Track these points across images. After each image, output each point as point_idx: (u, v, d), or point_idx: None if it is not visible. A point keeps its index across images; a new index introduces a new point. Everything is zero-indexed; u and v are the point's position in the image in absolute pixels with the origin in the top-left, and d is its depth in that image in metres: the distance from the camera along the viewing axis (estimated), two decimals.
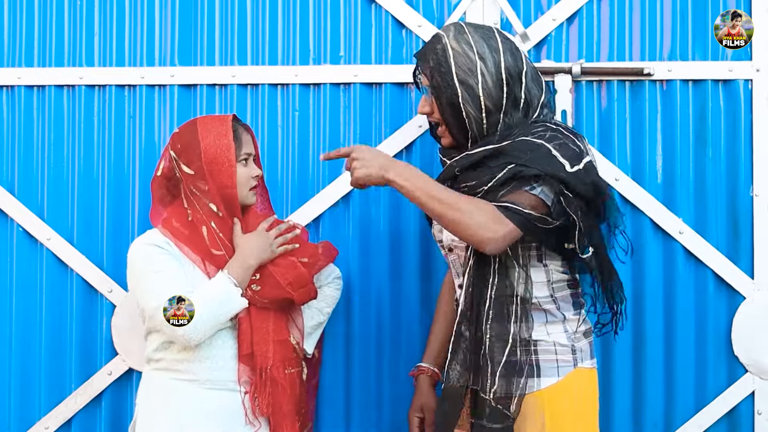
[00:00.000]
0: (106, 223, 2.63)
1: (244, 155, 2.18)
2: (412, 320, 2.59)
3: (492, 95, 2.01)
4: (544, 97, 2.10)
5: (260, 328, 2.15)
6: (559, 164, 1.93)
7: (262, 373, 2.14)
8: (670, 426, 2.57)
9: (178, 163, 2.17)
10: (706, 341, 2.57)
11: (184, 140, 2.17)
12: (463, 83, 2.01)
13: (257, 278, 2.15)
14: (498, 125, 2.03)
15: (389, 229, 2.59)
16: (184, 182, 2.17)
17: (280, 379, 2.16)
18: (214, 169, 2.13)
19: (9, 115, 2.66)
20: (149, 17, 2.65)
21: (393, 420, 2.58)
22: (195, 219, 2.17)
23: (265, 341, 2.15)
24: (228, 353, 2.14)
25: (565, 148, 1.96)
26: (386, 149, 2.59)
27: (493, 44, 2.04)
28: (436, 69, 2.03)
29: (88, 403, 2.62)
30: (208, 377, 2.13)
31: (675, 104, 2.58)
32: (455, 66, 2.02)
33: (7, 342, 2.64)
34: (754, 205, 2.57)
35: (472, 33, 2.05)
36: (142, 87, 2.63)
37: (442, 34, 2.07)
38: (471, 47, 2.03)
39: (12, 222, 2.64)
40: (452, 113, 2.03)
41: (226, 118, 2.18)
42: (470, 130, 2.04)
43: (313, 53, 2.64)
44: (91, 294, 2.63)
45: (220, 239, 2.16)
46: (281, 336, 2.18)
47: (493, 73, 2.01)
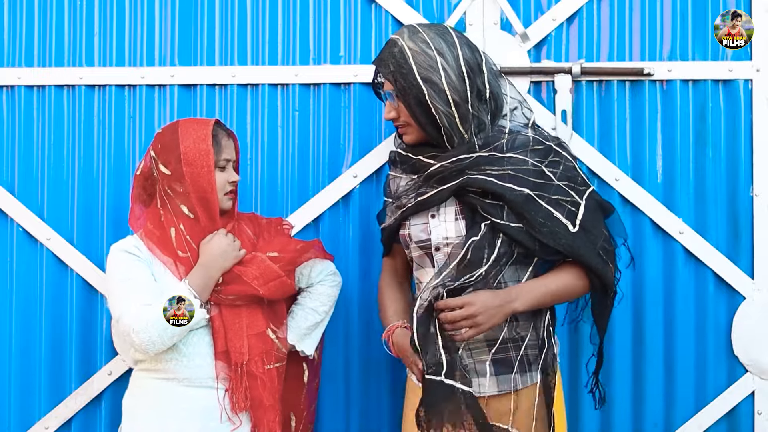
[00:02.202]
0: (106, 223, 2.63)
1: (223, 161, 2.18)
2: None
3: (457, 88, 2.05)
4: (512, 99, 2.16)
5: (233, 324, 2.15)
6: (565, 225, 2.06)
7: (237, 368, 2.14)
8: (670, 426, 2.57)
9: (156, 163, 2.18)
10: (706, 341, 2.57)
11: (164, 141, 2.18)
12: (427, 80, 2.04)
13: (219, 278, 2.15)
14: (469, 117, 2.06)
15: None
16: (160, 182, 2.18)
17: (258, 374, 2.16)
18: (193, 171, 2.14)
19: (9, 115, 2.66)
20: (149, 17, 2.65)
21: (393, 421, 2.58)
22: (165, 220, 2.18)
23: (239, 337, 2.14)
24: (204, 350, 2.15)
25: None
26: (386, 149, 2.59)
27: (449, 39, 2.08)
28: (397, 71, 2.06)
29: (88, 403, 2.62)
30: (186, 375, 2.14)
31: (675, 104, 2.58)
32: (416, 65, 2.04)
33: (7, 342, 2.64)
34: (754, 205, 2.57)
35: (426, 31, 2.09)
36: (142, 87, 2.63)
37: (397, 37, 2.10)
38: (428, 45, 2.06)
39: (12, 222, 2.64)
40: (422, 112, 2.06)
41: (208, 123, 2.18)
42: (443, 125, 2.06)
43: (313, 53, 2.64)
44: (91, 294, 2.63)
45: (187, 242, 2.16)
46: (256, 330, 2.17)
47: (453, 67, 2.05)
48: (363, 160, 2.60)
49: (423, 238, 2.14)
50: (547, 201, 2.04)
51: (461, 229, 2.08)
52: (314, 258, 2.30)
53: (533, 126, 2.16)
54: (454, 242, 2.08)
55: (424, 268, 2.15)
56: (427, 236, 2.13)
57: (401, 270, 2.30)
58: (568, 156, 2.13)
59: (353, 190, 2.60)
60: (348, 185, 2.60)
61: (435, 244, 2.11)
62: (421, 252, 2.15)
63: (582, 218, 2.05)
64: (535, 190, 2.04)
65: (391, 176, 2.26)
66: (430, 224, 2.12)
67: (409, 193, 2.17)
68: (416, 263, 2.18)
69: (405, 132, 2.15)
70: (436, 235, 2.11)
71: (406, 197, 2.17)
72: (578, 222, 2.05)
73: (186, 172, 2.13)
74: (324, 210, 2.60)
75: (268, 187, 2.61)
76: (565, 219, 2.04)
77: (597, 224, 2.08)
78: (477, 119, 2.09)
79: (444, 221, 2.11)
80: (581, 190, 2.09)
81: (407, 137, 2.15)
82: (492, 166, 2.06)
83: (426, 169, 2.10)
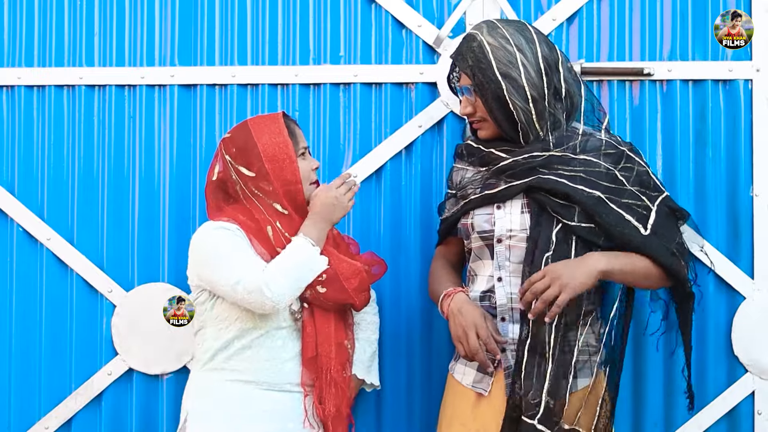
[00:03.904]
0: (106, 223, 2.62)
1: (302, 149, 2.19)
2: (412, 320, 2.59)
3: (535, 84, 2.06)
4: (586, 93, 2.17)
5: (324, 329, 2.15)
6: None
7: (326, 374, 2.14)
8: (670, 426, 2.57)
9: (234, 167, 2.16)
10: (706, 341, 2.57)
11: (238, 143, 2.16)
12: (506, 76, 2.05)
13: (323, 279, 2.13)
14: (545, 114, 2.08)
15: (390, 229, 2.59)
16: (245, 185, 2.16)
17: (339, 381, 2.16)
18: (276, 167, 2.13)
19: (9, 115, 2.66)
20: (149, 17, 2.65)
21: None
22: (260, 219, 2.15)
23: (328, 342, 2.15)
24: (288, 355, 2.14)
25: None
26: (386, 149, 2.59)
27: (528, 35, 2.10)
28: (476, 66, 2.07)
29: (88, 403, 2.62)
30: (267, 379, 2.12)
31: (675, 104, 2.58)
32: (495, 60, 2.06)
33: (7, 342, 2.64)
34: (754, 205, 2.57)
35: (506, 27, 2.11)
36: (142, 87, 2.63)
37: (476, 32, 2.11)
38: (507, 40, 2.07)
39: (12, 222, 2.64)
40: (499, 107, 2.07)
41: (277, 116, 2.19)
42: (519, 121, 2.08)
43: (313, 53, 2.64)
44: (91, 294, 2.63)
45: (286, 238, 2.14)
46: (340, 338, 2.19)
47: (532, 63, 2.07)
48: (363, 160, 2.60)
49: (486, 229, 2.14)
50: (618, 205, 2.05)
51: (526, 222, 2.09)
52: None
53: (607, 129, 2.17)
54: (518, 235, 2.09)
55: (482, 260, 2.15)
56: (491, 227, 2.13)
57: (453, 261, 2.30)
58: (640, 162, 2.14)
59: None
60: None
61: (498, 235, 2.11)
62: (482, 243, 2.15)
63: (653, 222, 2.06)
64: (606, 194, 2.05)
65: (456, 168, 2.27)
66: (495, 215, 2.12)
67: (475, 184, 2.17)
68: (475, 254, 2.18)
69: (480, 127, 2.17)
70: (500, 226, 2.11)
71: (472, 188, 2.17)
72: (650, 225, 2.05)
73: (270, 169, 2.13)
74: None
75: None
76: (636, 222, 2.04)
77: (670, 228, 2.08)
78: (552, 117, 2.10)
79: (509, 213, 2.11)
80: (654, 195, 2.10)
81: (482, 132, 2.17)
82: (565, 166, 2.08)
83: (497, 163, 2.12)
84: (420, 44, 2.61)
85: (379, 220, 2.60)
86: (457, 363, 2.20)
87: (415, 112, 2.59)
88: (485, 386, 2.11)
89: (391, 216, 2.59)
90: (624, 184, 2.09)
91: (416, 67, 2.60)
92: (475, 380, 2.13)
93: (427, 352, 2.58)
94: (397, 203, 2.59)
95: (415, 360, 2.58)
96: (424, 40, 2.60)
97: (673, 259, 2.05)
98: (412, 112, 2.61)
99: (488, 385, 2.10)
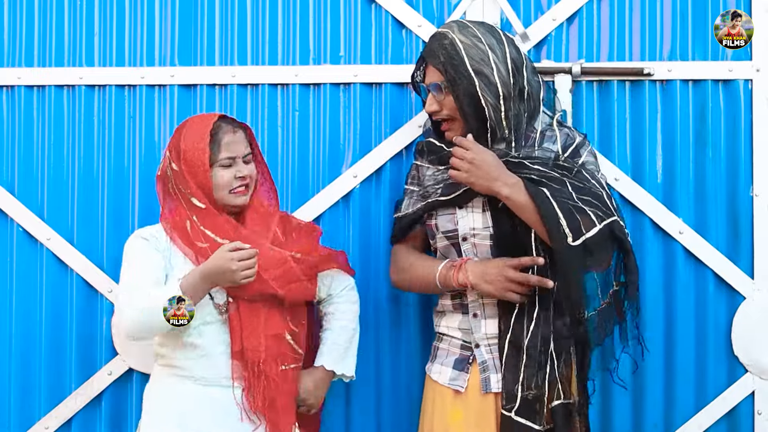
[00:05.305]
0: (106, 223, 2.62)
1: (226, 159, 2.17)
2: (411, 320, 2.59)
3: (506, 83, 2.09)
4: (544, 94, 2.23)
5: (250, 322, 2.13)
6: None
7: (254, 368, 2.13)
8: (670, 426, 2.57)
9: (169, 161, 2.21)
10: (706, 341, 2.57)
11: (174, 139, 2.22)
12: (478, 73, 2.08)
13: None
14: (510, 114, 2.11)
15: (389, 229, 2.58)
16: (172, 179, 2.20)
17: (272, 375, 2.14)
18: (191, 170, 2.16)
19: (9, 115, 2.66)
20: (149, 17, 2.65)
21: (394, 424, 2.58)
22: (179, 213, 2.19)
23: (256, 335, 2.13)
24: (219, 349, 2.14)
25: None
26: (386, 149, 2.59)
27: (497, 36, 2.14)
28: (448, 63, 2.10)
29: (88, 403, 2.62)
30: (203, 374, 2.14)
31: (675, 104, 2.58)
32: (468, 57, 2.09)
33: (7, 342, 2.64)
34: (754, 205, 2.57)
35: (476, 26, 2.15)
36: (142, 87, 2.63)
37: (446, 30, 2.15)
38: (479, 39, 2.11)
39: (12, 222, 2.64)
40: (470, 104, 2.10)
41: (211, 120, 2.19)
42: (489, 119, 2.10)
43: (313, 53, 2.64)
44: (91, 294, 2.63)
45: (202, 232, 2.16)
46: (274, 331, 2.16)
47: (503, 62, 2.10)
48: (363, 160, 2.60)
49: (450, 228, 2.17)
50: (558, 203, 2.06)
51: (488, 221, 2.12)
52: (337, 268, 2.31)
53: (559, 122, 2.22)
54: (482, 233, 2.13)
55: (449, 258, 2.18)
56: (455, 226, 2.16)
57: (421, 252, 2.31)
58: (587, 158, 2.18)
59: (353, 190, 2.60)
60: (348, 185, 2.60)
61: (462, 234, 2.15)
62: (448, 242, 2.18)
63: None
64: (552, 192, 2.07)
65: (417, 165, 2.30)
66: (457, 215, 2.16)
67: (437, 184, 2.19)
68: (441, 253, 2.21)
69: (448, 127, 2.18)
70: (463, 225, 2.15)
71: (433, 188, 2.19)
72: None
73: (185, 170, 2.15)
74: (324, 210, 2.60)
75: None
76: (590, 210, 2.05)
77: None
78: (516, 118, 2.13)
79: (471, 212, 2.15)
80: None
81: (450, 132, 2.18)
82: (520, 169, 2.10)
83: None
84: (420, 44, 2.61)
85: (379, 220, 2.60)
86: (434, 364, 2.24)
87: (415, 112, 2.59)
88: (461, 383, 2.14)
89: (391, 216, 2.58)
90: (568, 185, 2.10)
91: None
92: (451, 377, 2.16)
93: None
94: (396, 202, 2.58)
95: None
96: (424, 40, 2.59)
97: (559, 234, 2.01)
98: (412, 112, 2.61)
99: (464, 382, 2.14)
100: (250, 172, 2.22)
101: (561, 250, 2.01)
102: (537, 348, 2.06)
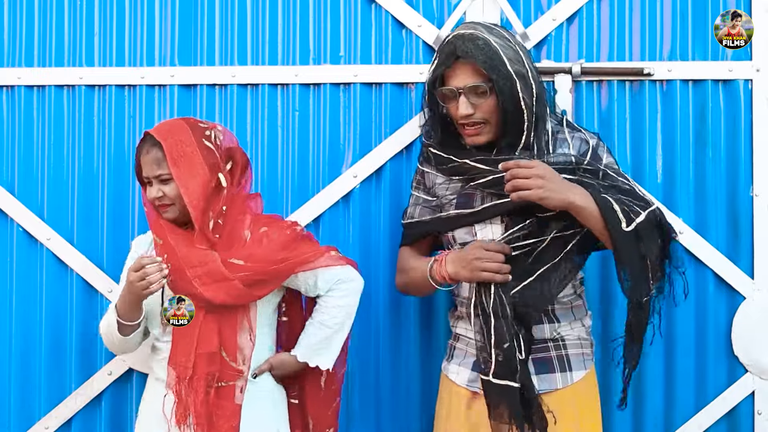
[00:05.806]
0: (106, 223, 2.63)
1: (145, 178, 2.17)
2: (410, 321, 2.59)
3: (539, 84, 2.07)
4: (550, 105, 2.20)
5: (183, 336, 2.10)
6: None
7: (182, 383, 2.11)
8: (670, 426, 2.57)
9: None
10: (706, 341, 2.57)
11: None
12: (518, 74, 2.04)
13: (168, 267, 2.06)
14: (533, 118, 2.08)
15: (389, 229, 2.59)
16: None
17: (200, 393, 2.09)
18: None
19: (9, 115, 2.66)
20: (149, 17, 2.65)
21: (393, 425, 2.59)
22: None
23: (186, 352, 2.09)
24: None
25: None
26: (386, 149, 2.59)
27: (517, 39, 2.12)
28: (488, 63, 2.02)
29: (88, 403, 2.62)
30: (164, 376, 2.16)
31: (675, 104, 2.58)
32: (507, 58, 2.03)
33: (7, 342, 2.64)
34: (754, 205, 2.57)
35: (498, 28, 2.11)
36: (142, 87, 2.63)
37: (475, 32, 2.06)
38: (509, 40, 2.07)
39: (12, 222, 2.64)
40: (511, 105, 2.03)
41: (143, 136, 2.19)
42: (526, 120, 2.05)
43: (313, 53, 2.64)
44: (91, 294, 2.63)
45: (163, 223, 2.17)
46: (206, 349, 2.10)
47: (532, 63, 2.09)
48: (363, 160, 2.60)
49: (468, 240, 2.13)
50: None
51: (506, 231, 2.07)
52: (319, 267, 2.20)
53: (569, 123, 2.19)
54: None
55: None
56: (473, 238, 2.13)
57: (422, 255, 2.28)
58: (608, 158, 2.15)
59: (353, 190, 2.60)
60: (348, 185, 2.60)
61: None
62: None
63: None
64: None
65: (425, 172, 2.23)
66: (475, 226, 2.12)
67: (450, 194, 2.15)
68: None
69: (477, 131, 2.09)
70: (482, 237, 2.11)
71: (447, 199, 2.15)
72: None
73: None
74: (324, 210, 2.60)
75: (268, 187, 2.61)
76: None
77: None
78: (537, 122, 2.09)
79: (490, 223, 2.11)
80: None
81: (480, 137, 2.09)
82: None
83: (472, 174, 2.09)
84: (420, 44, 2.61)
85: (379, 220, 2.60)
86: (451, 363, 2.21)
87: (415, 112, 2.59)
88: (479, 385, 2.10)
89: (391, 216, 2.59)
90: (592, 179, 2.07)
91: (416, 67, 2.60)
92: (470, 379, 2.14)
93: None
94: (397, 203, 2.58)
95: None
96: (424, 40, 2.60)
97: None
98: (412, 112, 2.61)
99: None
100: (158, 195, 2.13)
101: (619, 238, 1.96)
102: (505, 311, 2.03)
